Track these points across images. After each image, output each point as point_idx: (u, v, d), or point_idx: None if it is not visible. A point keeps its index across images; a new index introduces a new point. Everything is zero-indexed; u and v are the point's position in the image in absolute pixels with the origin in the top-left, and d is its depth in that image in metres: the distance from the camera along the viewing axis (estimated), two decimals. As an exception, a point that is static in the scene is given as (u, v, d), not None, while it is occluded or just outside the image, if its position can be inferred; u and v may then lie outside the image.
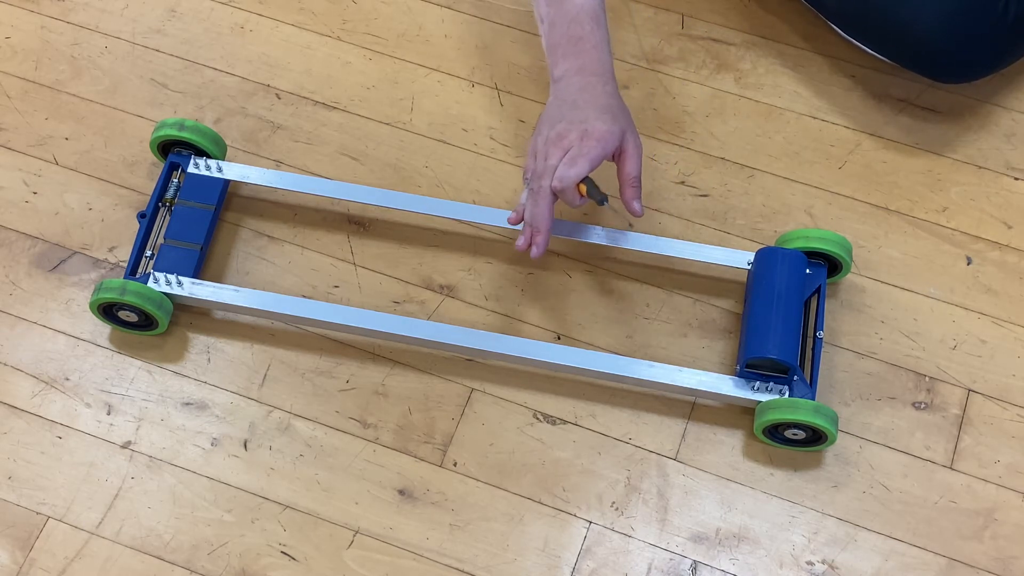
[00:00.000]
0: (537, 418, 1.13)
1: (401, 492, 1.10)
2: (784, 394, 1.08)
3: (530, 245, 1.07)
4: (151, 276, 1.12)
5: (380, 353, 1.15)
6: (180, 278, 1.12)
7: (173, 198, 1.17)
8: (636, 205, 1.06)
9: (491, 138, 1.27)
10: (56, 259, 1.19)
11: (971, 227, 1.23)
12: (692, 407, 1.14)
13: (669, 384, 1.10)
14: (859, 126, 1.28)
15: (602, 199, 1.05)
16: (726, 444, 1.12)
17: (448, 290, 1.19)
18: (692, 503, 1.10)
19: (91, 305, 1.12)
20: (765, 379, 1.09)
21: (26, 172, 1.24)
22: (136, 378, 1.14)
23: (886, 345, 1.17)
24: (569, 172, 1.03)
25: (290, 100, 1.29)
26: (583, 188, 1.05)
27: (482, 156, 1.26)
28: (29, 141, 1.26)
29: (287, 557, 1.07)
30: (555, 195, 1.05)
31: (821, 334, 1.11)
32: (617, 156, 1.07)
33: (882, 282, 1.20)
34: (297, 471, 1.10)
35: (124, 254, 1.19)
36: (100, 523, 1.08)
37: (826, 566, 1.07)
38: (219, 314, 1.17)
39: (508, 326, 1.17)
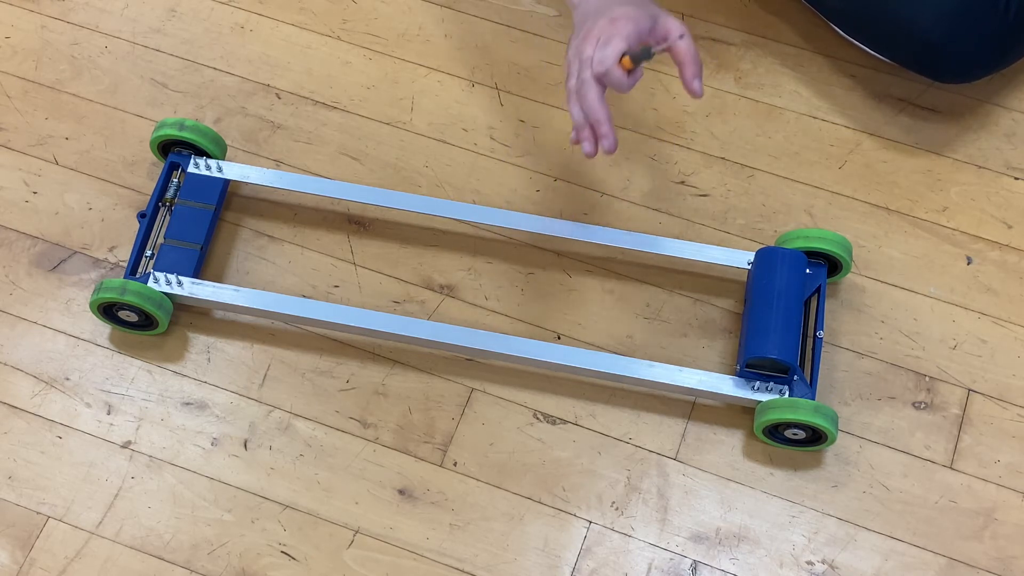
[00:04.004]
0: (537, 418, 1.13)
1: (401, 492, 1.10)
2: (784, 394, 1.08)
3: (595, 143, 1.01)
4: (151, 276, 1.12)
5: (380, 353, 1.15)
6: (180, 278, 1.12)
7: (173, 198, 1.17)
8: (696, 84, 1.00)
9: (491, 138, 1.27)
10: (56, 259, 1.19)
11: (971, 227, 1.23)
12: (692, 407, 1.13)
13: (669, 384, 1.10)
14: (859, 126, 1.28)
15: (647, 52, 0.98)
16: (726, 444, 1.12)
17: (448, 290, 1.19)
18: (692, 503, 1.10)
19: (91, 305, 1.12)
20: (765, 379, 1.09)
21: (26, 172, 1.24)
22: (136, 378, 1.14)
23: (886, 345, 1.17)
24: (606, 51, 0.98)
25: (290, 100, 1.29)
26: (627, 62, 0.99)
27: (482, 156, 1.26)
28: (29, 141, 1.26)
29: (287, 557, 1.07)
30: (601, 84, 1.00)
31: (821, 334, 1.11)
32: (663, 40, 1.01)
33: (882, 282, 1.20)
34: (297, 471, 1.10)
35: (124, 254, 1.19)
36: (100, 523, 1.08)
37: (826, 566, 1.07)
38: (219, 314, 1.17)
39: (508, 326, 1.17)
